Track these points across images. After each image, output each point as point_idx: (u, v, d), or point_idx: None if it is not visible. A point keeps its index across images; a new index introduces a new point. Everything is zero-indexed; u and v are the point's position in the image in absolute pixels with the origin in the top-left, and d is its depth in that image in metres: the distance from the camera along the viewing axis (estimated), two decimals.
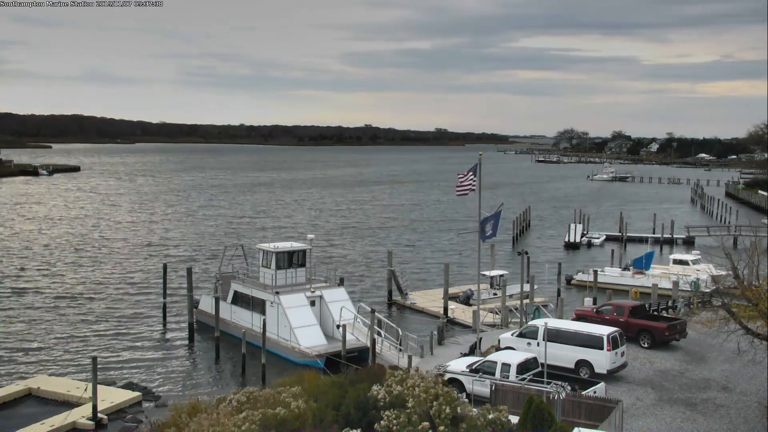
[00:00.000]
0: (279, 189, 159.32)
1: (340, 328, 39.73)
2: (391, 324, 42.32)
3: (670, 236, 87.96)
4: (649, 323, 37.10)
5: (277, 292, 42.56)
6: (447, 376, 28.49)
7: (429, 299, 54.15)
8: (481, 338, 37.23)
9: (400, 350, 38.43)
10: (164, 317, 49.70)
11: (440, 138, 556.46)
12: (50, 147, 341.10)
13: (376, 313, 39.93)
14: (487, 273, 53.61)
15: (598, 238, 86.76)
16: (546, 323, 32.13)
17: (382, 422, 20.07)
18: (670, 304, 44.81)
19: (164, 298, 50.69)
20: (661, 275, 57.38)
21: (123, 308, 52.78)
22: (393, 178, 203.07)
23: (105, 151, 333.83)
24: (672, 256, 65.10)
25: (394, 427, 19.75)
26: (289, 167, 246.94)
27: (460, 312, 49.52)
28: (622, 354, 32.13)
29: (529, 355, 30.38)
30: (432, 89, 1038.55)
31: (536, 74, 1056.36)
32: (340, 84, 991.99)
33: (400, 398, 21.29)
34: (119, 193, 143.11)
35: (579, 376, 30.44)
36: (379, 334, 39.88)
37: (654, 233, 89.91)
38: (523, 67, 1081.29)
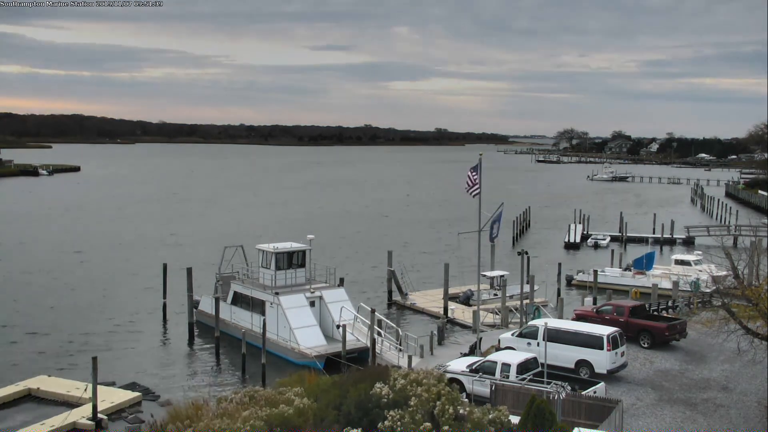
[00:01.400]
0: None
1: (340, 329, 39.73)
2: (391, 324, 42.33)
3: (670, 236, 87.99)
4: (649, 323, 37.12)
5: (277, 293, 42.57)
6: (447, 376, 28.46)
7: (429, 299, 54.16)
8: (481, 338, 37.26)
9: (400, 350, 38.46)
10: (164, 317, 49.72)
11: (440, 138, 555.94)
12: (50, 147, 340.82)
13: (376, 313, 39.94)
14: (487, 273, 53.63)
15: (603, 239, 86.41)
16: (546, 323, 32.15)
17: (386, 422, 20.04)
18: (670, 304, 44.81)
19: (164, 298, 50.71)
20: (662, 275, 57.38)
21: (123, 308, 52.80)
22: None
23: (105, 152, 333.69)
24: (674, 257, 65.05)
25: (398, 428, 19.71)
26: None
27: (460, 312, 49.53)
28: (622, 354, 32.14)
29: (529, 355, 30.39)
30: None
31: None
32: None
33: (402, 394, 21.27)
34: (119, 194, 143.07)
35: (579, 376, 30.46)
36: (379, 334, 39.89)
37: (654, 233, 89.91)
38: None
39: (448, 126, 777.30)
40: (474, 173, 37.14)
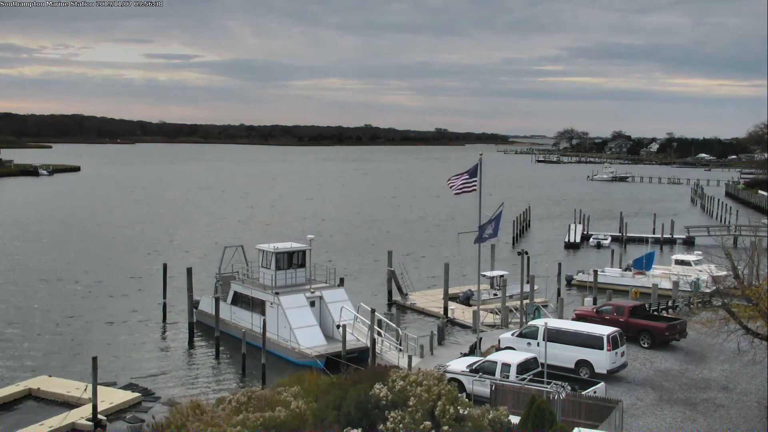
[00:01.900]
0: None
1: (340, 329, 39.74)
2: (391, 324, 42.32)
3: (670, 236, 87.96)
4: (649, 323, 37.10)
5: (277, 293, 42.57)
6: (447, 376, 28.46)
7: (429, 299, 54.16)
8: (481, 338, 37.25)
9: (400, 350, 38.46)
10: (164, 317, 49.72)
11: (440, 138, 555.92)
12: (50, 147, 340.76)
13: (376, 313, 39.94)
14: (487, 273, 53.62)
15: (605, 239, 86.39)
16: (546, 323, 32.14)
17: (388, 423, 20.03)
18: (670, 304, 44.80)
19: (164, 298, 50.70)
20: (662, 275, 57.37)
21: (123, 308, 52.79)
22: None
23: (106, 152, 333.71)
24: (674, 257, 65.00)
25: (400, 430, 19.70)
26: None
27: (460, 312, 49.53)
28: (622, 354, 32.13)
29: (529, 355, 30.39)
30: None
31: None
32: None
33: (402, 396, 21.26)
34: (119, 193, 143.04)
35: (579, 376, 30.45)
36: (379, 334, 39.90)
37: (654, 233, 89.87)
38: None
39: (448, 126, 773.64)
40: (467, 175, 36.89)
